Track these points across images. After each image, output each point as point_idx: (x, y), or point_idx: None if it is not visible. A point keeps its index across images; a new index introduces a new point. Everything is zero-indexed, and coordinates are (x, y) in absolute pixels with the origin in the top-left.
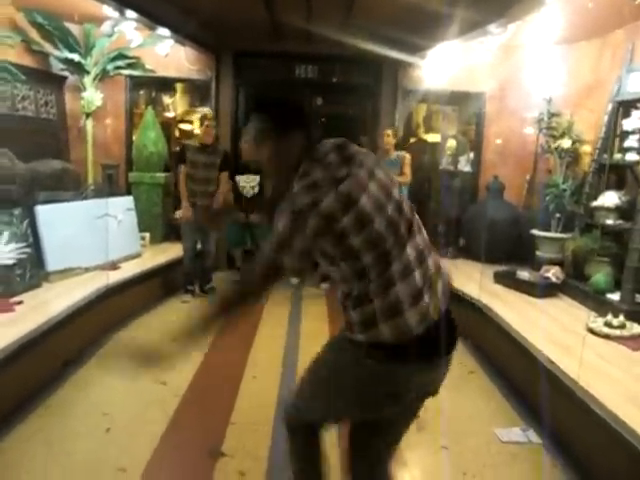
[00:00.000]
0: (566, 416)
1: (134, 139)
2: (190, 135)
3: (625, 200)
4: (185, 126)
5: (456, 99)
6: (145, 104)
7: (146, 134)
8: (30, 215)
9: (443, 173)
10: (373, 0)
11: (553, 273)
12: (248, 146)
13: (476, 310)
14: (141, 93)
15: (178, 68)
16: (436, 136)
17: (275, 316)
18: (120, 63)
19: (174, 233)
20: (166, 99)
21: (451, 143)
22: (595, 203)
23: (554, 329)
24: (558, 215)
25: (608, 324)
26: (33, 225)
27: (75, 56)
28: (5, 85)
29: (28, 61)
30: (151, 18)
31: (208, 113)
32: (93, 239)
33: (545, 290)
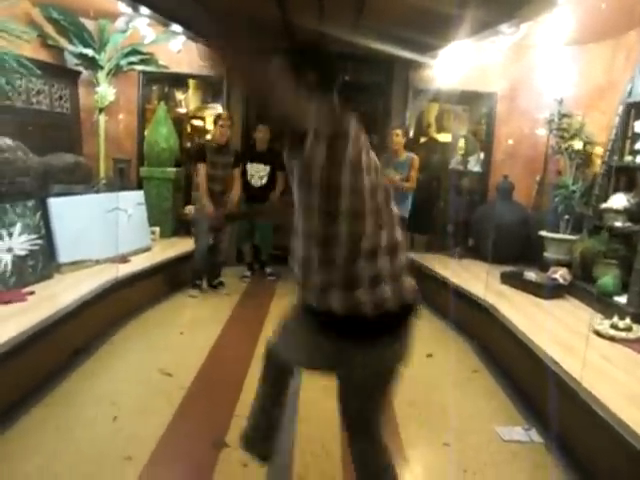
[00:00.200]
0: (569, 416)
1: (146, 134)
2: (202, 131)
3: (634, 202)
4: (197, 122)
5: (467, 99)
6: (158, 100)
7: (158, 130)
8: (43, 207)
9: (453, 173)
10: (384, 0)
11: (561, 274)
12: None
13: (482, 310)
14: (154, 89)
15: (191, 64)
16: (447, 136)
17: (282, 310)
18: (133, 59)
19: (184, 228)
20: (179, 95)
21: (461, 143)
22: (604, 205)
23: (559, 330)
24: (567, 216)
25: (614, 326)
26: (46, 217)
27: (89, 51)
28: (20, 79)
29: (43, 56)
30: (164, 15)
31: (223, 113)
32: (104, 232)
33: (552, 291)
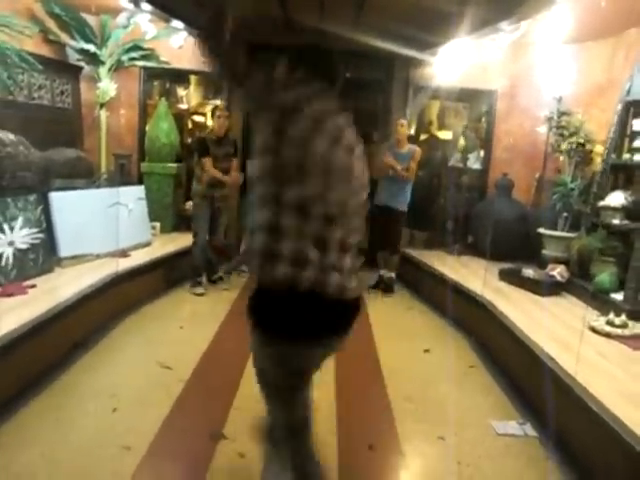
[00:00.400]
0: (563, 411)
1: (147, 130)
2: (203, 127)
3: (631, 200)
4: (198, 118)
5: (467, 96)
6: (159, 95)
7: (159, 125)
8: (44, 201)
9: (452, 170)
10: None
11: (558, 272)
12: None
13: (480, 306)
14: (155, 84)
15: (192, 60)
16: (448, 133)
17: None
18: (135, 54)
19: (184, 223)
20: (180, 91)
21: (461, 140)
22: (601, 203)
23: (556, 327)
24: (565, 214)
25: (610, 323)
26: (47, 211)
27: (91, 47)
28: (22, 74)
29: (45, 51)
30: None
31: (220, 105)
32: (104, 227)
33: (550, 288)
